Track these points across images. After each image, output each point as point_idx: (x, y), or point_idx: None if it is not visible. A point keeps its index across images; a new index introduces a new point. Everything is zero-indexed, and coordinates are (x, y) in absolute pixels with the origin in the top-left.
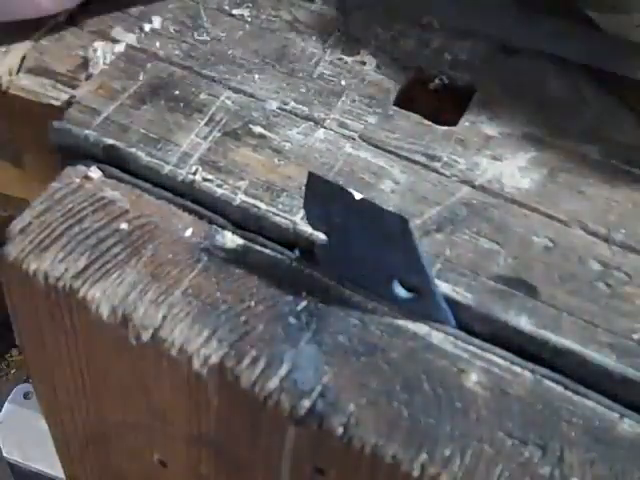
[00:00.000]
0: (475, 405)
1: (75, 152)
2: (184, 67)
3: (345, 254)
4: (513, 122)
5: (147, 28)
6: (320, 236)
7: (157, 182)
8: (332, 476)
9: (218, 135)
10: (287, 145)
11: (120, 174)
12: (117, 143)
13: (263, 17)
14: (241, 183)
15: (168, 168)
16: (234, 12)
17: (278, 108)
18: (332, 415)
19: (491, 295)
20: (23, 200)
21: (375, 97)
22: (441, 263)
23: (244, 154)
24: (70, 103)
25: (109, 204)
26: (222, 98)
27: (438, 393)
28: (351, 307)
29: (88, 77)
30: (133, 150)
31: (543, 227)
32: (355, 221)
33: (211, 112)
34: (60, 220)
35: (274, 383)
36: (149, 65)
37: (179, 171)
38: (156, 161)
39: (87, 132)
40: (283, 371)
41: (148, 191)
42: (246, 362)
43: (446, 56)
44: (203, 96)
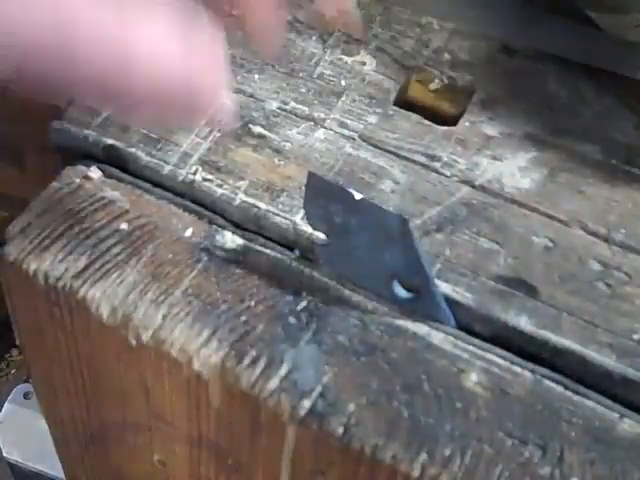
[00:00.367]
0: (475, 405)
1: (75, 152)
2: None
3: (345, 254)
4: (513, 122)
5: None
6: (320, 236)
7: (157, 182)
8: (332, 476)
9: (218, 135)
10: (287, 145)
11: (120, 174)
12: (117, 143)
13: None
14: (241, 183)
15: (168, 168)
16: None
17: (278, 108)
18: (332, 415)
19: (491, 295)
20: (23, 200)
21: (375, 97)
22: (441, 263)
23: (244, 154)
24: (70, 103)
25: (109, 204)
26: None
27: (438, 393)
28: (351, 307)
29: None
30: (133, 150)
31: (543, 227)
32: (355, 221)
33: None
34: (60, 220)
35: (274, 383)
36: None
37: (179, 171)
38: (156, 161)
39: (87, 132)
40: (283, 371)
41: (148, 191)
42: (246, 362)
43: (446, 56)
44: None
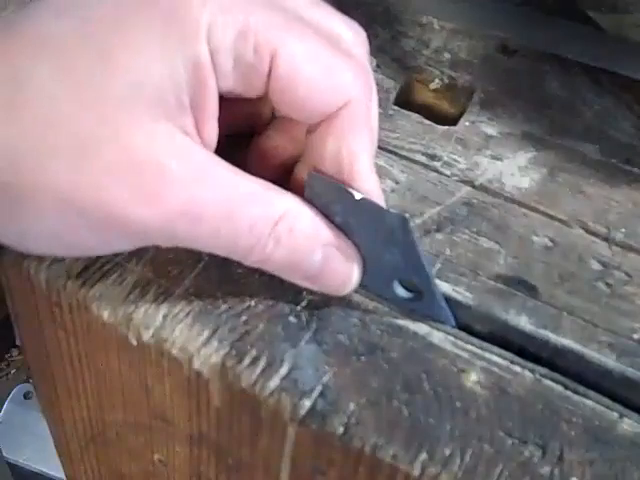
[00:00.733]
0: (475, 404)
1: None
2: None
3: None
4: (513, 122)
5: None
6: None
7: None
8: (332, 475)
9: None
10: None
11: None
12: None
13: None
14: None
15: None
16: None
17: None
18: (332, 415)
19: (491, 295)
20: None
21: None
22: (441, 263)
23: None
24: None
25: None
26: None
27: (438, 393)
28: (351, 307)
29: None
30: None
31: (543, 226)
32: (355, 221)
33: None
34: None
35: (274, 383)
36: None
37: None
38: None
39: None
40: (283, 371)
41: None
42: (246, 362)
43: (446, 56)
44: None
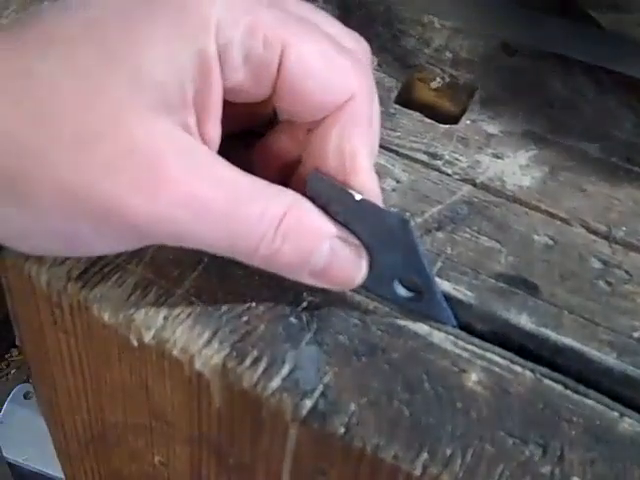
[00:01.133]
0: (476, 404)
1: None
2: None
3: None
4: (514, 120)
5: None
6: None
7: None
8: (333, 476)
9: None
10: None
11: None
12: None
13: None
14: None
15: None
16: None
17: None
18: (333, 415)
19: (492, 293)
20: None
21: None
22: (442, 261)
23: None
24: None
25: None
26: None
27: (439, 393)
28: (352, 307)
29: None
30: None
31: (544, 225)
32: (356, 221)
33: None
34: None
35: (276, 383)
36: None
37: None
38: None
39: None
40: (285, 371)
41: None
42: (247, 362)
43: (447, 55)
44: None
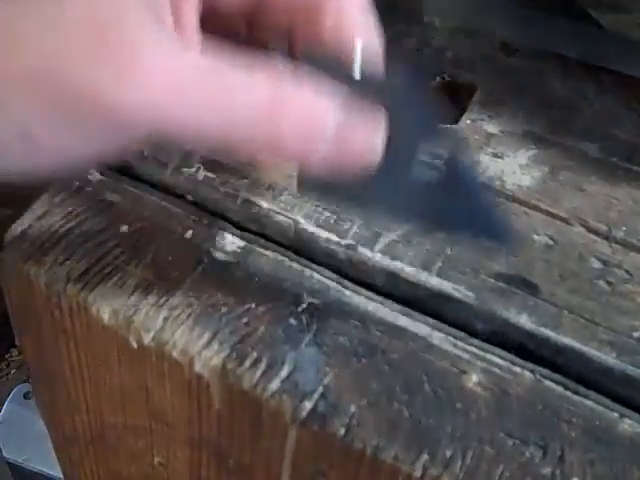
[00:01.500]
0: (476, 405)
1: None
2: None
3: None
4: (514, 120)
5: None
6: None
7: (158, 183)
8: (333, 477)
9: None
10: None
11: (120, 176)
12: None
13: None
14: (243, 182)
15: (171, 166)
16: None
17: None
18: (333, 416)
19: (492, 293)
20: (25, 198)
21: None
22: (442, 261)
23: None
24: None
25: (109, 206)
26: None
27: (439, 394)
28: (352, 308)
29: None
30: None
31: (544, 225)
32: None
33: None
34: (60, 223)
35: (275, 385)
36: None
37: (181, 170)
38: (157, 162)
39: None
40: (284, 373)
41: (148, 193)
42: (247, 364)
43: (447, 54)
44: None
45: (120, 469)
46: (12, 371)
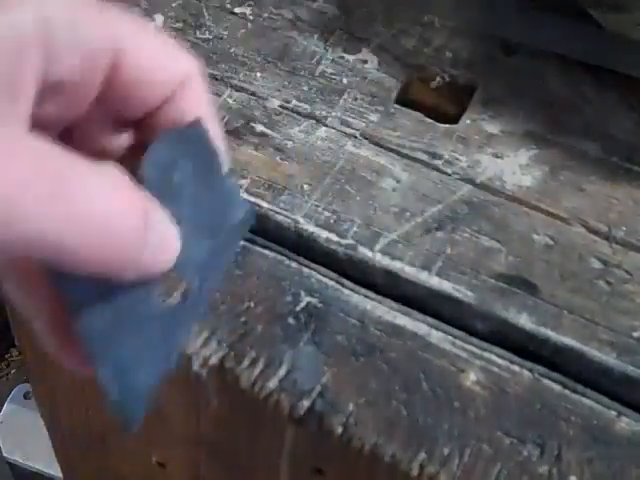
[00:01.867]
0: (474, 404)
1: None
2: None
3: None
4: (514, 120)
5: None
6: None
7: None
8: (331, 475)
9: None
10: (289, 143)
11: None
12: None
13: (265, 15)
14: (243, 182)
15: None
16: (236, 10)
17: (280, 106)
18: (331, 415)
19: (492, 293)
20: None
21: (376, 95)
22: (442, 261)
23: (246, 152)
24: None
25: None
26: (224, 96)
27: (437, 393)
28: (350, 307)
29: None
30: None
31: (544, 225)
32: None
33: None
34: None
35: (273, 383)
36: None
37: None
38: None
39: None
40: (282, 371)
41: None
42: (245, 363)
43: (447, 54)
44: None
45: (119, 468)
46: (12, 371)
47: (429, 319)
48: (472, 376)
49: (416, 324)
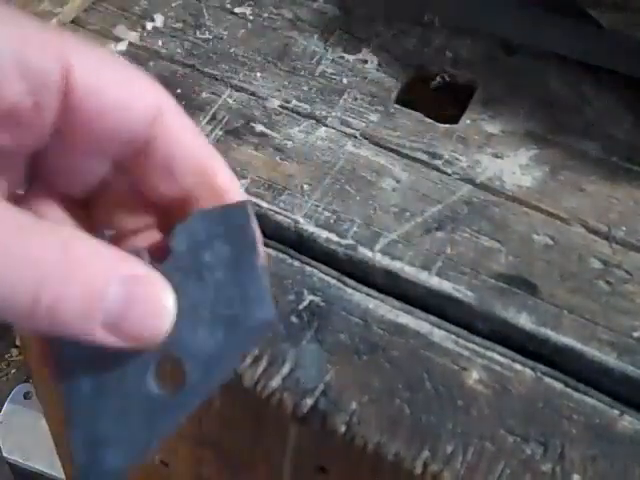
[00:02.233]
0: (476, 402)
1: None
2: (186, 65)
3: None
4: (514, 120)
5: (149, 26)
6: None
7: None
8: (334, 474)
9: (220, 133)
10: (289, 143)
11: None
12: None
13: (265, 15)
14: (243, 182)
15: None
16: (236, 10)
17: (280, 106)
18: (334, 413)
19: (492, 293)
20: None
21: (376, 95)
22: (442, 261)
23: (246, 152)
24: None
25: None
26: (224, 96)
27: (440, 391)
28: (353, 306)
29: None
30: None
31: (544, 225)
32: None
33: (213, 110)
34: None
35: (276, 382)
36: (151, 63)
37: None
38: None
39: None
40: (285, 370)
41: None
42: (248, 361)
43: (447, 54)
44: (205, 94)
45: None
46: (12, 371)
47: (431, 317)
48: (475, 374)
49: (418, 323)
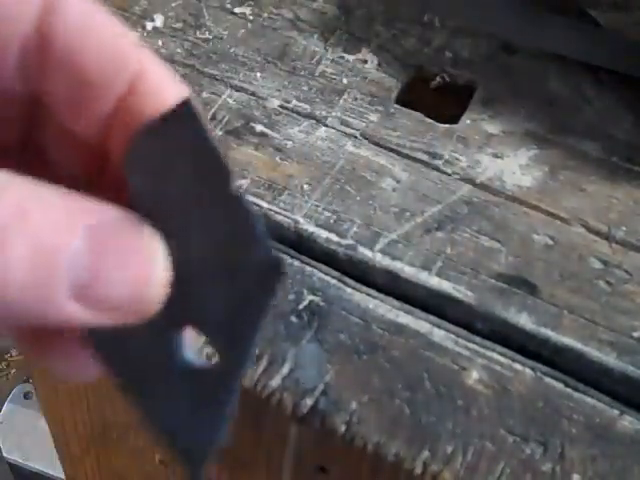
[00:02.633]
0: (476, 402)
1: None
2: (186, 65)
3: None
4: (514, 120)
5: (149, 26)
6: None
7: None
8: (334, 474)
9: (220, 134)
10: (289, 143)
11: None
12: None
13: (265, 15)
14: (243, 182)
15: None
16: (236, 10)
17: (280, 106)
18: (334, 413)
19: (492, 293)
20: None
21: (376, 95)
22: (442, 261)
23: (246, 152)
24: None
25: None
26: (224, 96)
27: (440, 391)
28: (352, 306)
29: None
30: None
31: (544, 225)
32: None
33: (213, 110)
34: None
35: (276, 382)
36: None
37: None
38: None
39: None
40: (285, 370)
41: None
42: None
43: (447, 54)
44: (205, 94)
45: (121, 467)
46: (12, 371)
47: (431, 317)
48: (475, 374)
49: (418, 322)
